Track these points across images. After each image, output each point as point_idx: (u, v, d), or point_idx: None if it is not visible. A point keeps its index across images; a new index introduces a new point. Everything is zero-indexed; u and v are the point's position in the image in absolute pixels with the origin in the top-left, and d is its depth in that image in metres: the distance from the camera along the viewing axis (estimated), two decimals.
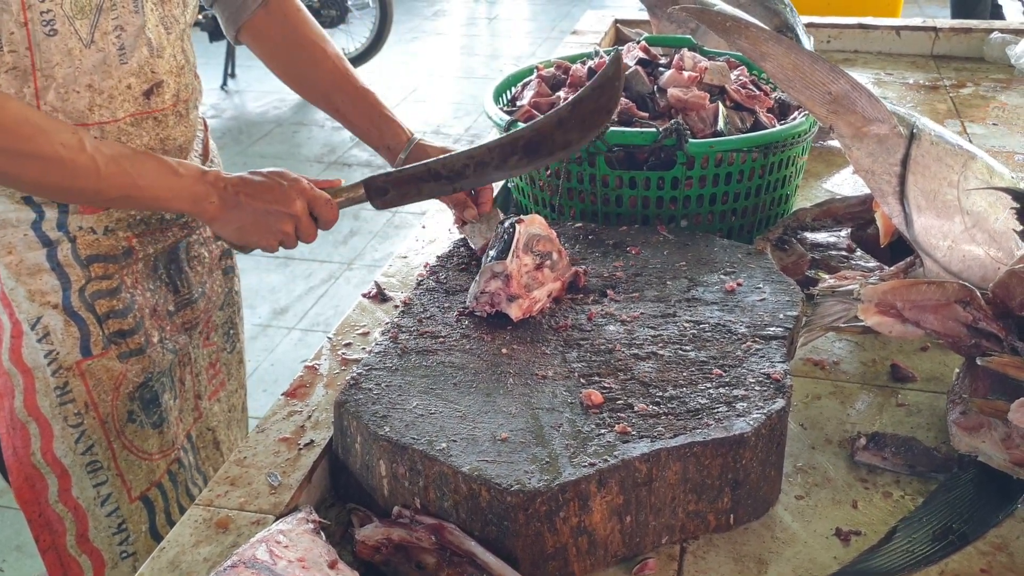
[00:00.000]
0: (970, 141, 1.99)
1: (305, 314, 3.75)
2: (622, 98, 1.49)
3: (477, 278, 1.19)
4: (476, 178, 1.21)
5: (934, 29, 2.65)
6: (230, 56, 6.30)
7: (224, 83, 6.30)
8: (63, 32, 1.16)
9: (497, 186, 1.75)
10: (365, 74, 6.42)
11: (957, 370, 1.16)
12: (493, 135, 1.89)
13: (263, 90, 6.32)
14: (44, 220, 1.25)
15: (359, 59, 6.32)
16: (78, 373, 1.30)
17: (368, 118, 1.45)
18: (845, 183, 1.85)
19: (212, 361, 1.54)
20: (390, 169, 1.25)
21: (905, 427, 1.16)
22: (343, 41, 6.26)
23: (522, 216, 1.21)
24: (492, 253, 1.18)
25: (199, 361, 1.50)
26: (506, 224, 1.20)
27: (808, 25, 2.45)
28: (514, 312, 1.16)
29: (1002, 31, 2.59)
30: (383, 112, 1.45)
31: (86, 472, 1.34)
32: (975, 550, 0.97)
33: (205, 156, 1.46)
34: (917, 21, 2.75)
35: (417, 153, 1.41)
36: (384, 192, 1.19)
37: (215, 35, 5.88)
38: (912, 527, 1.00)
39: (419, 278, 1.31)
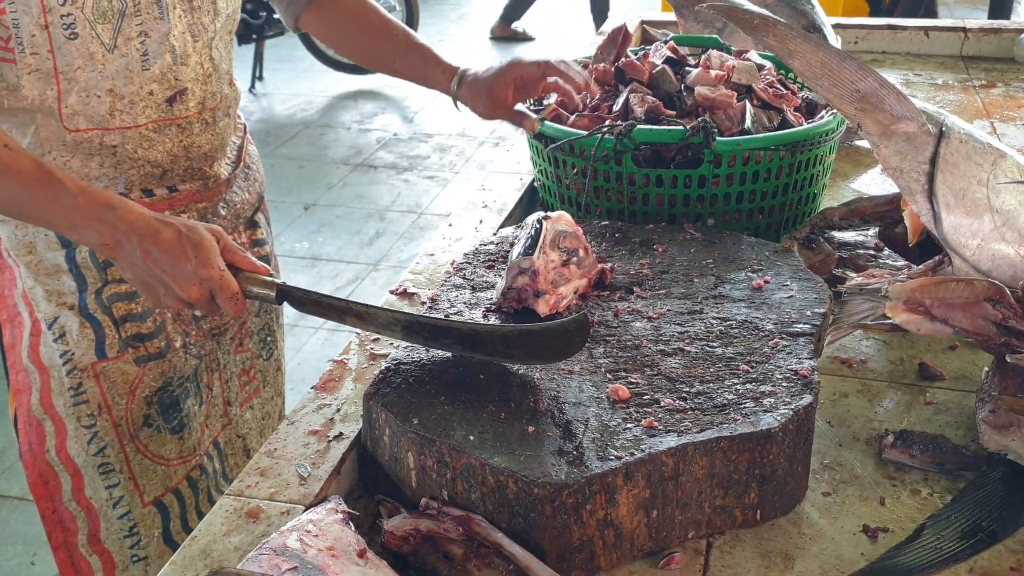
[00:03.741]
0: (1000, 141, 1.97)
1: None
2: (649, 96, 1.49)
3: (504, 274, 1.19)
4: (400, 335, 1.11)
5: (963, 30, 2.63)
6: (258, 59, 6.36)
7: (252, 86, 6.35)
8: (84, 36, 1.16)
9: (523, 187, 1.76)
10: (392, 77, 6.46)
11: (986, 368, 1.16)
12: (519, 136, 1.90)
13: (290, 92, 6.37)
14: None
15: None
16: (92, 375, 1.30)
17: (415, 70, 1.59)
18: (873, 183, 1.84)
19: (246, 368, 1.52)
20: (306, 288, 1.14)
21: (933, 425, 1.16)
22: None
23: (549, 213, 1.22)
24: (519, 249, 1.19)
25: (230, 367, 1.48)
26: (533, 220, 1.21)
27: (836, 26, 2.44)
28: (541, 308, 1.16)
29: None
30: (428, 57, 1.58)
31: (98, 473, 1.34)
32: (1004, 548, 0.97)
33: (238, 162, 1.44)
34: (947, 22, 2.73)
35: (467, 85, 1.52)
36: (301, 303, 1.10)
37: (243, 38, 5.94)
38: (940, 525, 0.99)
39: (446, 275, 1.32)
